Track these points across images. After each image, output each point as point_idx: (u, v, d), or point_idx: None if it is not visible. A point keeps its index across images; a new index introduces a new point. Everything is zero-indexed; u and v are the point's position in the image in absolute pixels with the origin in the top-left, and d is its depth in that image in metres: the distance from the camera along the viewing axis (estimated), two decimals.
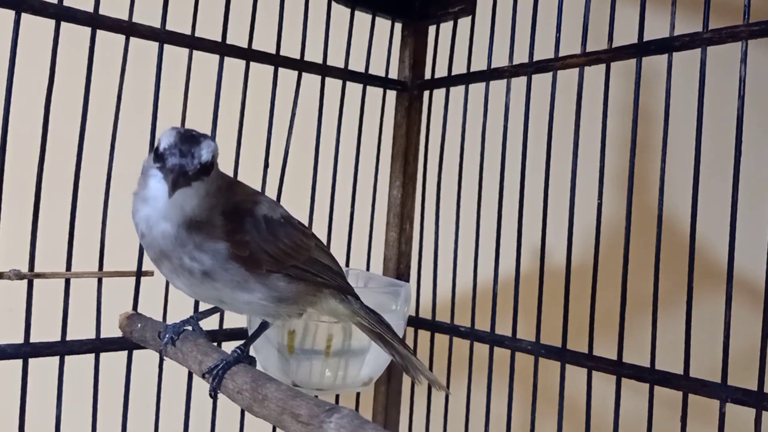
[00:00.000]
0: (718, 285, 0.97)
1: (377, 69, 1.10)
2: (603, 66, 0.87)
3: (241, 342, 0.75)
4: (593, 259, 0.87)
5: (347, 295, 0.81)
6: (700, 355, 0.80)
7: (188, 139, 0.67)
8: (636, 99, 0.84)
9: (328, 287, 0.79)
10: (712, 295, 0.83)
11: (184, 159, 0.66)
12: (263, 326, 0.78)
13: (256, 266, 0.72)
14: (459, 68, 1.07)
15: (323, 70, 1.03)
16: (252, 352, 0.94)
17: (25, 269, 0.80)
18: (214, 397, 0.72)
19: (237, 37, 0.94)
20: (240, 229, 0.72)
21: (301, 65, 1.00)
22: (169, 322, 0.81)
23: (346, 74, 1.06)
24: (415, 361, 0.85)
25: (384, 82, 1.11)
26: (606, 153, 0.88)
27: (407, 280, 1.12)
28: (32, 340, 0.81)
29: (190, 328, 0.78)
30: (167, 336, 0.77)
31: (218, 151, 0.70)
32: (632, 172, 0.85)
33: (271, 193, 0.97)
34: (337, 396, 1.02)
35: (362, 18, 1.08)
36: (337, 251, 1.04)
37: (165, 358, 0.79)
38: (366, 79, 1.09)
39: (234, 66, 0.94)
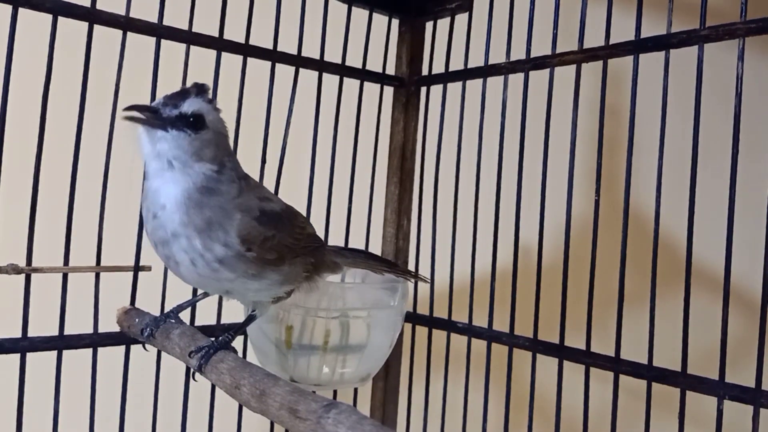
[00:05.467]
0: (707, 282, 0.98)
1: (374, 65, 1.09)
2: (600, 63, 0.88)
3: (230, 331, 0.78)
4: (591, 255, 0.87)
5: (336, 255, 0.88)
6: (690, 351, 0.80)
7: (177, 93, 0.71)
8: (633, 97, 0.84)
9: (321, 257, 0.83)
10: (695, 291, 0.83)
11: (162, 106, 0.70)
12: (251, 318, 0.81)
13: (280, 261, 0.75)
14: (456, 64, 1.07)
15: (320, 65, 1.03)
16: (249, 347, 0.94)
17: (22, 264, 0.80)
18: (195, 377, 0.76)
19: (234, 33, 0.93)
20: (273, 235, 0.74)
21: (298, 61, 1.00)
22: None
23: (343, 70, 1.06)
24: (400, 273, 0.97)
25: (381, 78, 1.11)
26: (602, 150, 0.88)
27: None
28: (30, 334, 0.81)
29: (173, 321, 0.81)
30: (148, 329, 0.79)
31: (216, 116, 0.73)
32: (630, 171, 0.85)
33: (268, 188, 0.97)
34: (335, 392, 1.02)
35: (359, 14, 1.08)
36: None
37: (155, 347, 0.82)
38: (363, 74, 1.09)
39: (231, 61, 0.93)
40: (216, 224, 0.70)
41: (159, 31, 0.87)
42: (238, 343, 0.94)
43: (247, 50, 0.95)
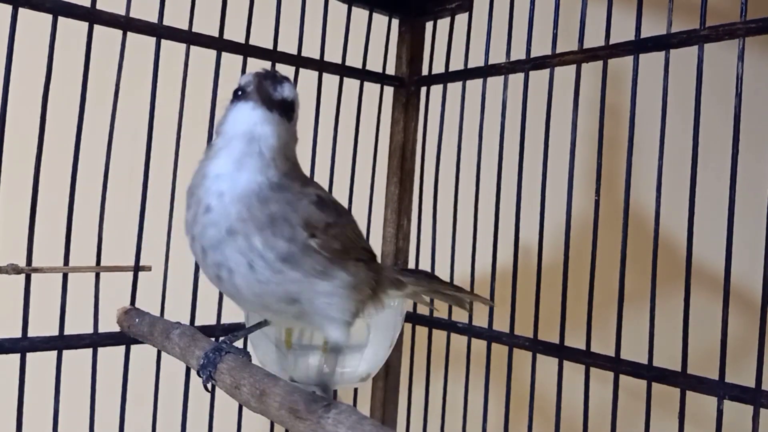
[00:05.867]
0: (707, 282, 0.98)
1: (374, 65, 1.09)
2: (600, 63, 0.88)
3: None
4: (591, 255, 0.87)
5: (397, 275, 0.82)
6: (690, 351, 0.80)
7: (271, 75, 0.64)
8: (633, 97, 0.84)
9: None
10: (695, 291, 0.83)
11: (269, 86, 0.63)
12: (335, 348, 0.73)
13: (345, 255, 0.68)
14: (456, 64, 1.07)
15: (320, 65, 1.03)
16: (249, 347, 0.94)
17: (22, 264, 0.80)
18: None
19: (234, 33, 0.94)
20: (335, 222, 0.68)
21: (298, 61, 1.00)
22: (197, 347, 0.75)
23: (343, 70, 1.06)
24: (465, 295, 0.92)
25: (381, 78, 1.11)
26: (602, 150, 0.88)
27: None
28: (30, 334, 0.81)
29: (230, 352, 0.72)
30: (206, 371, 0.70)
31: (299, 107, 0.67)
32: (630, 171, 0.85)
33: None
34: (335, 392, 1.02)
35: (359, 14, 1.08)
36: None
37: (217, 386, 0.71)
38: (363, 75, 1.08)
39: (231, 61, 0.93)
40: (280, 219, 0.63)
41: (159, 31, 0.87)
42: (237, 343, 0.94)
43: (247, 50, 0.95)
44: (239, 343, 0.77)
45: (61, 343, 0.83)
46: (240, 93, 0.64)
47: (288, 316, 0.70)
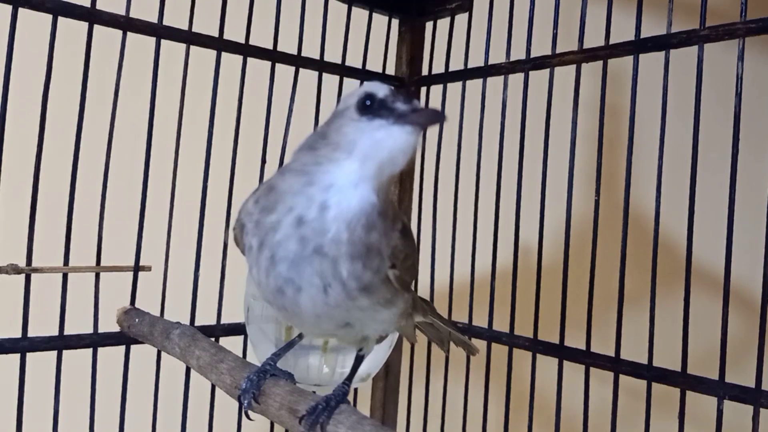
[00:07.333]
0: (707, 282, 0.97)
1: (374, 65, 1.09)
2: (600, 63, 0.88)
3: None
4: (591, 255, 0.87)
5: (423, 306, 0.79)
6: (690, 351, 0.80)
7: (397, 89, 0.58)
8: (633, 97, 0.84)
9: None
10: (695, 291, 0.83)
11: (392, 96, 0.56)
12: (360, 358, 0.70)
13: (409, 285, 0.65)
14: (456, 64, 1.07)
15: (320, 66, 1.03)
16: (249, 347, 0.94)
17: (22, 264, 0.80)
18: None
19: (234, 33, 0.94)
20: (411, 253, 0.63)
21: (298, 61, 1.00)
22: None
23: (343, 70, 1.06)
24: (456, 335, 0.88)
25: (381, 78, 1.11)
26: (602, 150, 0.88)
27: None
28: (30, 334, 0.81)
29: (274, 374, 0.68)
30: (248, 395, 0.66)
31: None
32: (629, 171, 0.85)
33: None
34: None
35: (359, 14, 1.08)
36: None
37: (255, 412, 0.67)
38: (363, 74, 1.08)
39: (231, 61, 0.93)
40: (375, 251, 0.58)
41: (159, 31, 0.87)
42: (237, 343, 0.94)
43: (247, 50, 0.95)
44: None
45: (61, 343, 0.83)
46: (376, 105, 0.56)
47: (329, 335, 0.68)
